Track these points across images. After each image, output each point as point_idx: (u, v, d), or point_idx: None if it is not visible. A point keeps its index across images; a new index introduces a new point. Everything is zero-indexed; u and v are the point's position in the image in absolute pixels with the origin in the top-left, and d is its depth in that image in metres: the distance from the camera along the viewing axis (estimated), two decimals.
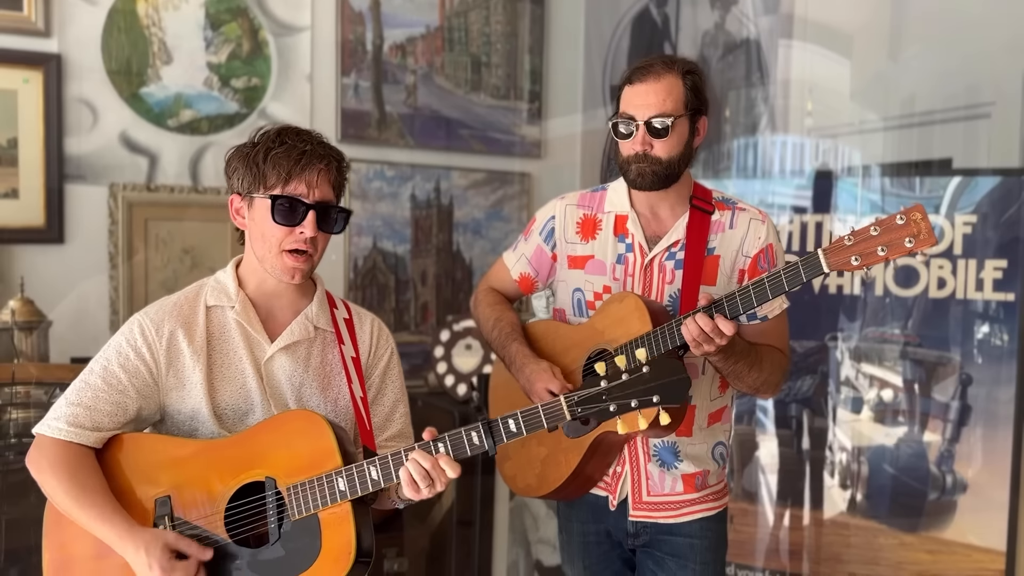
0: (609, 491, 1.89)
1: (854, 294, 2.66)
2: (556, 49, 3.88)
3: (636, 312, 1.73)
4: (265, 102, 3.26)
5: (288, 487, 1.54)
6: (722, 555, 1.92)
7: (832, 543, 2.70)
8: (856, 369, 2.70)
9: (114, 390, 1.59)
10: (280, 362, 1.65)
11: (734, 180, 3.09)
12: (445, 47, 3.62)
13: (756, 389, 1.83)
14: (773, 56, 3.13)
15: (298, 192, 1.57)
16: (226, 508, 1.57)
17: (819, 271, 1.59)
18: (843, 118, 2.91)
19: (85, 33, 2.94)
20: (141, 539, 1.51)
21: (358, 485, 1.51)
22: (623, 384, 1.46)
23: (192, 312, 1.65)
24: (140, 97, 3.05)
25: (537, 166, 3.83)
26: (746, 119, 3.30)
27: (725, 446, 1.93)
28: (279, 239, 1.59)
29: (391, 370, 1.77)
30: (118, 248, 3.00)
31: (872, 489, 2.64)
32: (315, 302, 1.71)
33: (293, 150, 1.57)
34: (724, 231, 1.86)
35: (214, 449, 1.59)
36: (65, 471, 1.54)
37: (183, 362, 1.62)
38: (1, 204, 2.83)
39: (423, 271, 3.60)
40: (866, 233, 1.55)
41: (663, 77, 1.75)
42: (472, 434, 1.51)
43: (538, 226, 2.00)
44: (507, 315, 1.99)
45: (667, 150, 1.77)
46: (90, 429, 1.58)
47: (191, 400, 1.61)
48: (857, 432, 2.70)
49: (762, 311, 1.83)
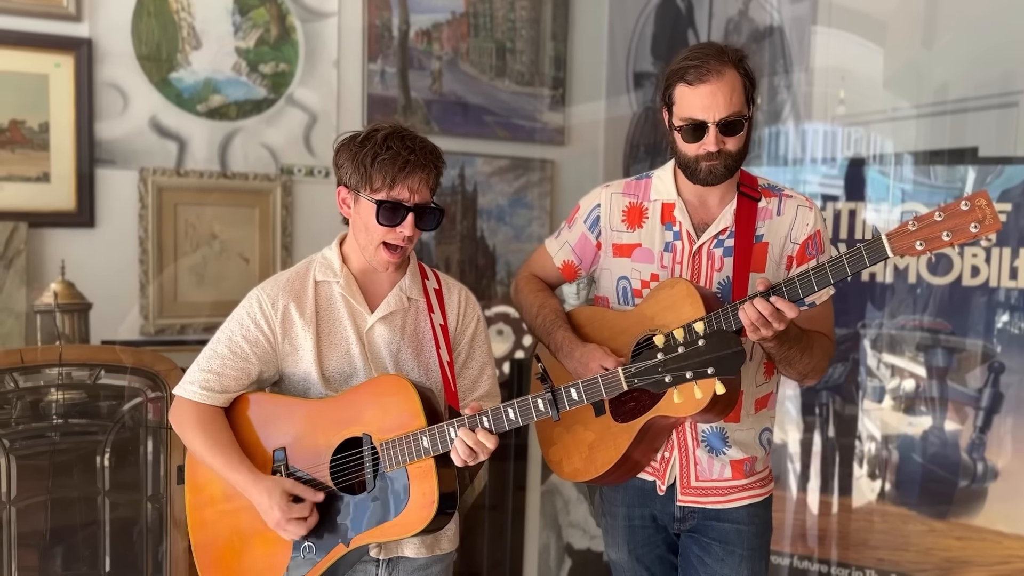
0: (657, 476, 1.91)
1: (885, 282, 2.67)
2: (580, 35, 3.87)
3: (688, 298, 1.74)
4: (292, 88, 3.26)
5: (382, 443, 1.74)
6: (767, 541, 1.93)
7: (860, 529, 2.72)
8: (878, 358, 2.72)
9: (238, 357, 1.82)
10: (379, 330, 1.84)
11: (764, 168, 3.09)
12: (470, 33, 3.62)
13: (805, 375, 1.85)
14: (803, 43, 3.13)
15: (400, 197, 1.75)
16: (331, 459, 1.78)
17: (882, 256, 1.60)
18: (875, 106, 2.90)
19: (116, 18, 2.94)
20: (263, 485, 1.74)
21: (440, 443, 1.69)
22: (678, 356, 1.52)
23: (302, 287, 1.85)
24: (169, 82, 3.05)
25: (560, 153, 3.83)
26: (771, 107, 3.30)
27: (771, 432, 1.94)
28: (380, 235, 1.78)
29: (478, 336, 1.94)
30: (148, 233, 3.01)
31: (901, 477, 2.66)
32: (408, 275, 1.89)
33: (398, 158, 1.73)
34: (772, 218, 1.87)
35: (321, 407, 1.80)
36: (200, 428, 1.79)
37: (296, 331, 1.82)
38: (33, 188, 2.84)
39: (447, 257, 3.60)
40: (930, 219, 1.56)
41: (724, 74, 1.74)
42: (539, 401, 1.66)
43: (583, 214, 2.00)
44: (550, 301, 2.00)
45: (738, 144, 1.79)
46: (218, 392, 1.81)
47: (303, 364, 1.82)
48: (883, 421, 2.71)
49: (811, 297, 1.84)
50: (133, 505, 2.18)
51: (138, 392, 2.21)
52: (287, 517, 1.72)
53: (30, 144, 2.82)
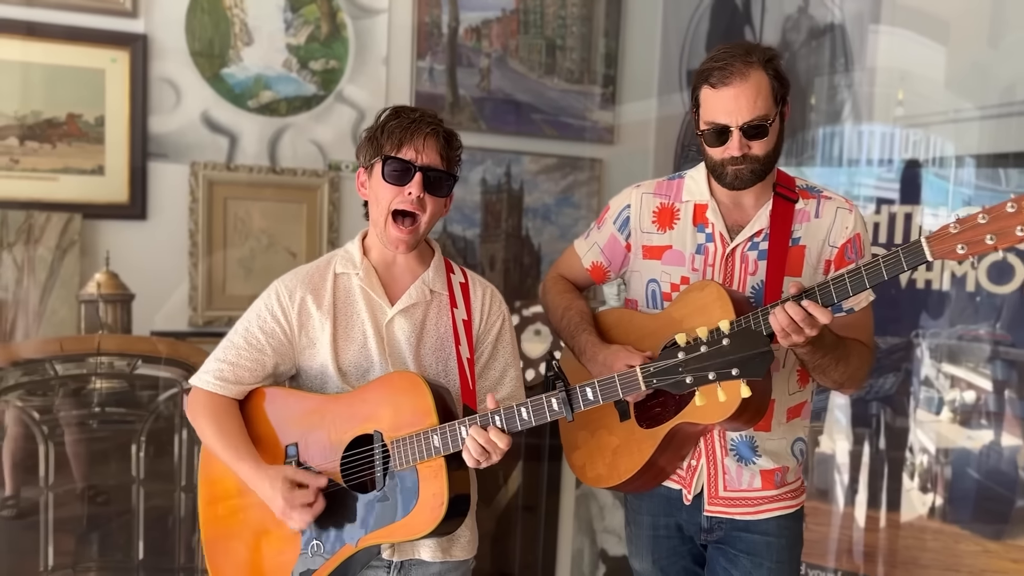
0: (683, 485, 1.85)
1: (942, 289, 2.55)
2: (632, 32, 3.81)
3: (718, 300, 1.68)
4: (342, 84, 3.28)
5: (393, 440, 1.70)
6: (797, 554, 1.86)
7: (910, 547, 2.61)
8: (937, 368, 2.60)
9: (254, 349, 1.80)
10: (399, 324, 1.80)
11: (818, 169, 2.99)
12: (520, 30, 3.59)
13: (841, 384, 1.77)
14: (861, 42, 3.01)
15: (408, 156, 1.72)
16: (342, 456, 1.75)
17: (921, 259, 1.52)
18: (936, 107, 2.77)
19: (170, 14, 3.00)
20: (267, 475, 1.72)
21: (451, 443, 1.65)
22: (701, 356, 1.44)
23: (321, 280, 1.83)
24: (221, 78, 3.10)
25: (609, 152, 3.78)
26: (830, 107, 3.19)
27: (804, 442, 1.87)
28: (389, 199, 1.74)
29: (503, 336, 1.88)
30: (198, 225, 3.06)
31: (954, 493, 2.53)
32: (432, 268, 1.84)
33: (405, 120, 1.73)
34: (809, 220, 1.79)
35: (335, 403, 1.77)
36: (212, 418, 1.78)
37: (313, 324, 1.80)
38: (88, 180, 2.91)
39: (492, 256, 3.59)
40: (973, 221, 1.47)
41: (748, 76, 1.67)
42: (552, 401, 1.60)
43: (612, 215, 1.95)
44: (577, 303, 1.95)
45: (765, 147, 1.71)
46: (233, 383, 1.79)
47: (320, 358, 1.79)
48: (939, 434, 2.59)
49: (848, 303, 1.76)
50: (167, 494, 2.22)
51: (173, 383, 2.24)
52: (291, 504, 1.68)
53: (86, 137, 2.90)
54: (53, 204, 2.83)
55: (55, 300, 2.79)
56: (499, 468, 1.72)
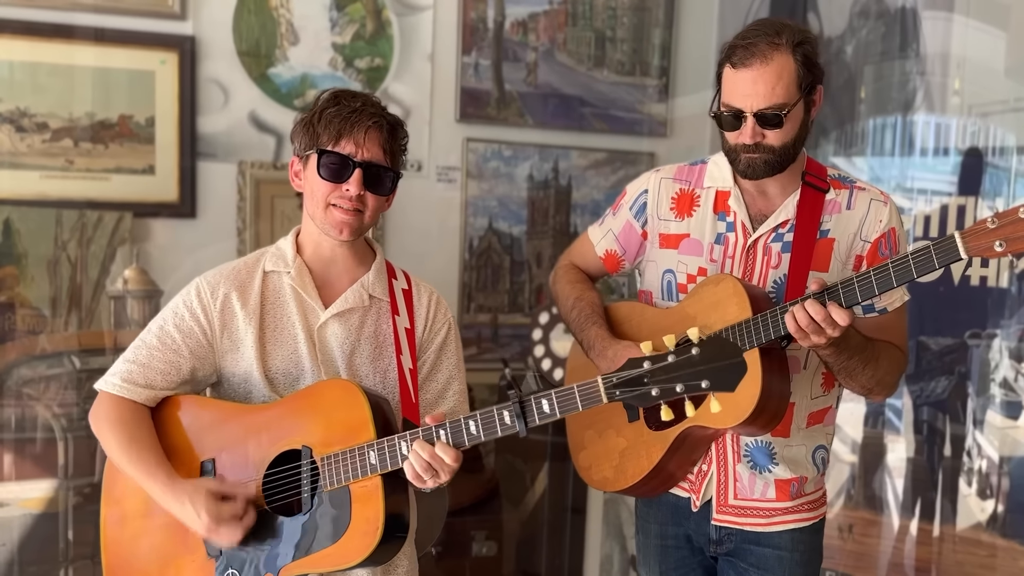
0: (692, 491, 1.76)
1: (1001, 286, 2.38)
2: (688, 22, 3.70)
3: (734, 296, 1.59)
4: (387, 82, 3.29)
5: (323, 457, 1.53)
6: (814, 571, 1.75)
7: (965, 562, 2.45)
8: (1016, 370, 2.43)
9: (168, 349, 1.64)
10: (333, 329, 1.65)
11: (869, 160, 2.84)
12: (568, 22, 3.53)
13: (869, 390, 1.66)
14: (916, 29, 2.85)
15: (346, 150, 1.59)
16: (264, 475, 1.58)
17: (955, 257, 1.41)
18: (996, 96, 2.60)
19: (218, 15, 3.06)
20: (183, 491, 1.54)
21: (388, 460, 1.49)
22: (667, 366, 1.33)
23: (249, 276, 1.68)
24: (268, 78, 3.14)
25: (663, 145, 3.68)
26: (891, 95, 3.03)
27: (827, 450, 1.76)
28: (325, 195, 1.60)
29: (448, 346, 1.74)
30: (246, 223, 3.12)
31: (1013, 504, 2.37)
32: (373, 270, 1.71)
33: (344, 109, 1.59)
34: (840, 212, 1.68)
35: (257, 415, 1.60)
36: (118, 425, 1.60)
37: (236, 325, 1.64)
38: (139, 180, 3.00)
39: (538, 253, 3.54)
40: (1014, 215, 1.36)
41: (771, 59, 1.57)
42: (504, 413, 1.45)
43: (628, 200, 1.87)
44: (588, 295, 1.86)
45: (781, 138, 1.61)
46: (142, 386, 1.62)
47: (244, 363, 1.64)
48: (1012, 440, 2.42)
49: (881, 303, 1.65)
50: None
51: None
52: (217, 519, 1.50)
53: (137, 138, 2.98)
54: (105, 203, 2.92)
55: (107, 297, 2.88)
56: (525, 469, 1.62)
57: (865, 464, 2.63)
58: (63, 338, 2.21)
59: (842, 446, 2.72)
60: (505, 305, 3.47)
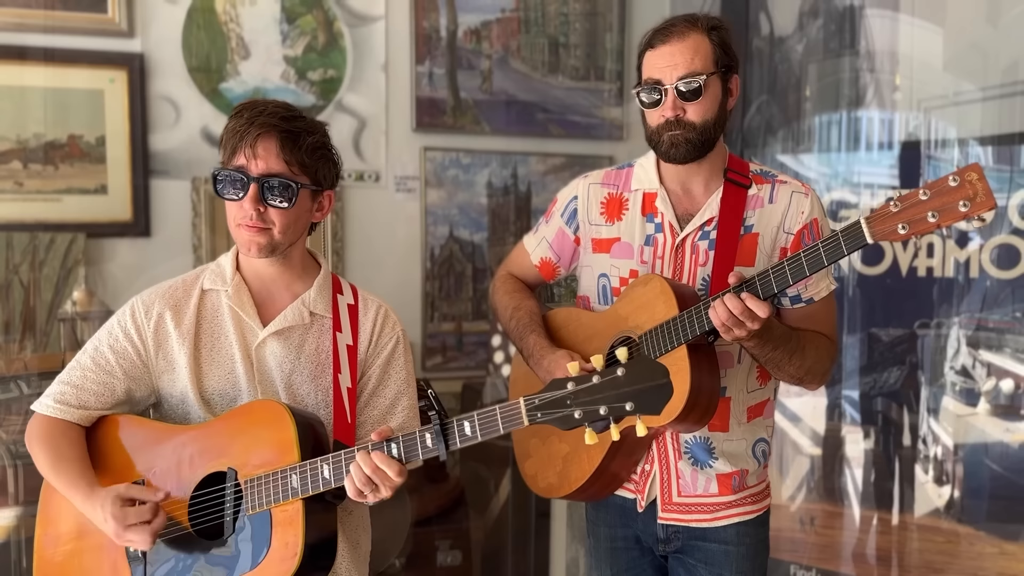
0: (637, 492, 1.76)
1: (947, 276, 2.40)
2: (640, 26, 3.72)
3: (662, 296, 1.60)
4: (341, 93, 3.29)
5: (247, 480, 1.50)
6: (762, 563, 1.75)
7: (925, 549, 2.46)
8: (974, 357, 2.44)
9: (102, 370, 1.62)
10: (271, 348, 1.62)
11: (815, 156, 2.86)
12: (521, 29, 3.55)
13: (799, 379, 1.67)
14: (857, 26, 2.88)
15: (239, 163, 1.54)
16: (191, 496, 1.55)
17: (862, 242, 1.42)
18: (935, 90, 2.63)
19: (166, 32, 3.05)
20: (97, 498, 1.52)
21: (310, 483, 1.46)
22: (591, 388, 1.28)
23: (186, 295, 1.65)
24: (220, 93, 3.14)
25: (621, 149, 3.69)
26: (838, 91, 3.05)
27: (767, 443, 1.77)
28: (232, 214, 1.57)
29: (395, 360, 1.68)
30: (201, 240, 3.10)
31: (969, 490, 2.38)
32: (314, 287, 1.66)
33: (240, 121, 1.54)
34: (763, 206, 1.70)
35: (188, 435, 1.58)
36: (47, 443, 1.58)
37: (170, 345, 1.62)
38: (91, 200, 2.98)
39: (500, 259, 3.53)
40: (915, 198, 1.37)
41: (688, 35, 1.62)
42: (426, 435, 1.42)
43: (559, 207, 1.89)
44: (526, 303, 1.87)
45: (701, 113, 1.63)
46: (75, 407, 1.60)
47: (179, 384, 1.61)
48: (967, 427, 2.43)
49: (807, 292, 1.66)
50: None
51: None
52: (122, 524, 1.47)
53: (88, 157, 2.97)
54: (57, 225, 2.91)
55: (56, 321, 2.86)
56: (489, 475, 1.59)
57: (824, 457, 2.64)
58: (12, 362, 2.19)
59: (804, 439, 2.73)
60: (469, 313, 3.46)
